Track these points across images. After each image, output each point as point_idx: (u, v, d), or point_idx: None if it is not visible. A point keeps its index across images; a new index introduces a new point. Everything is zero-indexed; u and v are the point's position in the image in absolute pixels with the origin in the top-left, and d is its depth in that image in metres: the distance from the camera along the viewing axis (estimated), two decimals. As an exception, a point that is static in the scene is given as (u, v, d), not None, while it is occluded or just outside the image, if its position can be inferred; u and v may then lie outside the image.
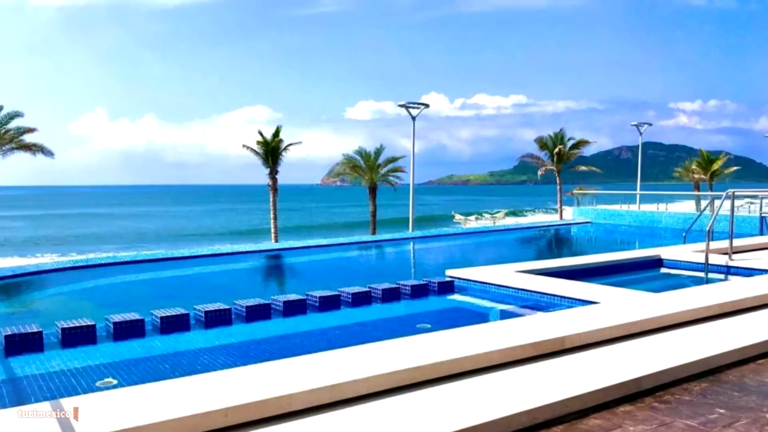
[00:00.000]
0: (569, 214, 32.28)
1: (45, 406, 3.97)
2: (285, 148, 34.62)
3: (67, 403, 3.96)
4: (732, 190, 12.87)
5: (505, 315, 9.34)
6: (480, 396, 4.71)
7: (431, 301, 10.50)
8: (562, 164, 40.85)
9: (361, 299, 10.09)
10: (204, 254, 17.00)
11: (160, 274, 14.61)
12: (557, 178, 40.98)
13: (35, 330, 7.68)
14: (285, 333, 8.93)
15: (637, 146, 40.14)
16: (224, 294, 10.26)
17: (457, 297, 10.65)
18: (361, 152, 37.78)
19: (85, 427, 3.76)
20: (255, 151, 34.33)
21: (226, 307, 9.02)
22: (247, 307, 9.17)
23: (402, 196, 40.46)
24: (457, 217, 60.37)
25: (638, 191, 33.04)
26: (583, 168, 45.73)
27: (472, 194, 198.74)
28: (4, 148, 28.68)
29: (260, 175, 35.16)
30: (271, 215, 34.33)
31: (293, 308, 9.55)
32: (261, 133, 34.38)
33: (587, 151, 44.15)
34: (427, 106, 30.28)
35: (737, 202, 22.05)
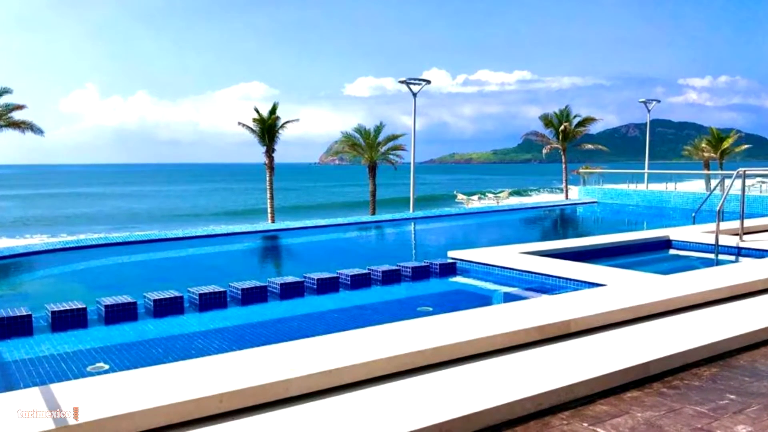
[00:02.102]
0: (575, 193, 32.24)
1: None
2: (282, 126, 34.55)
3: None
4: (743, 169, 12.82)
5: (508, 298, 9.35)
6: (483, 381, 4.70)
7: (433, 283, 10.49)
8: (567, 142, 40.79)
9: (361, 282, 10.08)
10: (198, 235, 16.99)
11: (153, 256, 14.60)
12: (563, 157, 40.94)
13: (24, 313, 7.66)
14: (282, 316, 8.93)
15: (645, 124, 40.06)
16: (219, 276, 10.26)
17: (459, 279, 10.64)
18: (360, 130, 37.66)
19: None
20: (251, 128, 34.26)
21: (221, 289, 9.01)
22: (242, 289, 9.16)
23: (402, 175, 40.40)
24: (460, 196, 60.29)
25: (646, 170, 32.96)
26: (590, 146, 45.63)
27: (475, 173, 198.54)
28: (-9, 126, 28.60)
29: (256, 154, 35.12)
30: (268, 195, 34.30)
31: (290, 291, 9.54)
32: (257, 110, 34.29)
33: (593, 129, 44.17)
34: (428, 82, 30.17)
35: (748, 182, 22.01)
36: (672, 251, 13.03)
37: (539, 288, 9.33)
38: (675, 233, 13.45)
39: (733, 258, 11.74)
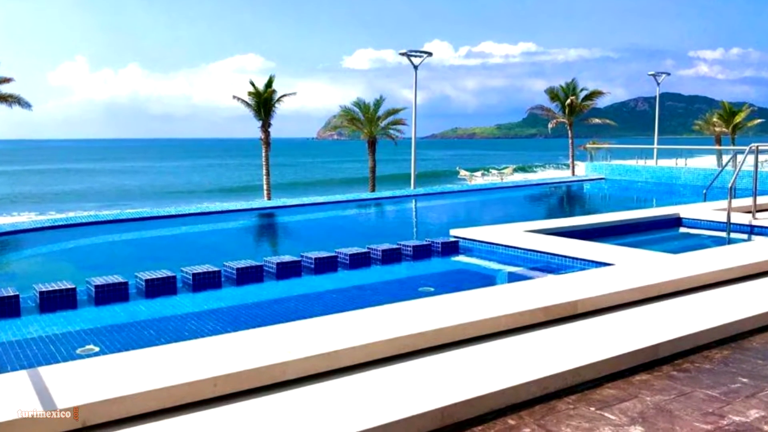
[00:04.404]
0: (582, 169, 32.20)
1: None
2: (278, 100, 34.41)
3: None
4: (756, 144, 12.74)
5: (513, 278, 9.33)
6: (486, 364, 4.69)
7: (434, 262, 10.49)
8: (574, 116, 40.63)
9: (360, 261, 10.06)
10: (192, 213, 16.97)
11: (145, 234, 14.59)
12: (569, 132, 40.80)
13: (11, 294, 7.65)
14: (278, 297, 8.92)
15: (655, 97, 39.94)
16: (213, 255, 10.24)
17: (461, 258, 10.63)
18: (359, 104, 37.52)
19: (65, 398, 3.74)
20: (246, 102, 34.13)
21: (216, 269, 8.99)
22: (237, 269, 9.15)
23: (403, 151, 40.34)
24: (462, 173, 60.28)
25: (655, 145, 32.86)
26: (597, 120, 45.50)
27: (478, 149, 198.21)
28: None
29: (252, 128, 35.02)
30: (264, 171, 34.23)
31: (287, 270, 9.53)
32: (253, 84, 34.15)
33: (601, 103, 43.93)
34: (430, 54, 30.02)
35: (761, 157, 21.95)
36: (682, 229, 13.02)
37: (545, 268, 9.32)
38: (685, 211, 13.42)
39: (745, 236, 11.73)
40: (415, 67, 29.31)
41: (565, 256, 9.28)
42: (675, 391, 4.43)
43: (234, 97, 34.33)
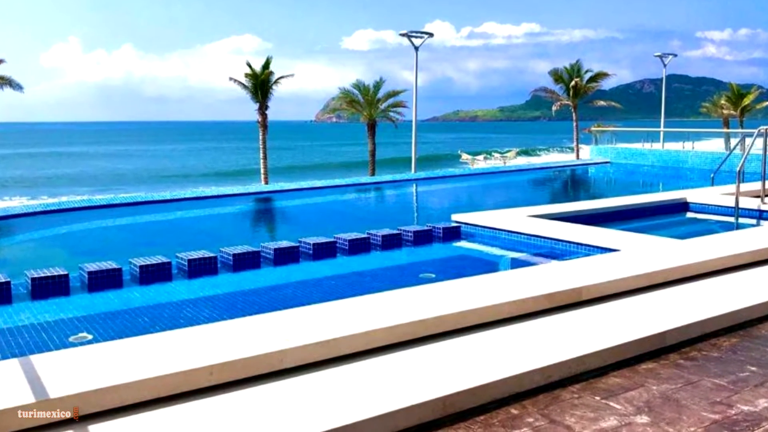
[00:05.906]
0: (587, 153, 32.14)
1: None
2: (276, 82, 34.37)
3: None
4: (765, 127, 12.69)
5: (516, 264, 9.32)
6: (489, 352, 4.68)
7: (435, 248, 10.47)
8: (578, 99, 40.57)
9: (359, 246, 10.05)
10: (187, 197, 16.94)
11: (139, 219, 14.57)
12: (573, 114, 40.77)
13: (2, 280, 7.63)
14: (275, 283, 8.91)
15: (661, 79, 39.78)
16: (209, 241, 10.22)
17: (463, 244, 10.62)
18: (359, 86, 37.47)
19: (57, 387, 3.73)
20: (243, 84, 34.09)
21: (212, 255, 8.97)
22: (234, 255, 9.13)
23: (404, 134, 40.22)
24: (464, 156, 60.27)
25: (662, 128, 32.81)
26: (602, 103, 45.48)
27: (481, 132, 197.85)
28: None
29: (249, 111, 34.97)
30: (261, 154, 34.22)
31: (285, 256, 9.51)
32: (249, 65, 34.09)
33: (606, 85, 43.94)
34: (431, 35, 29.92)
35: (771, 141, 21.84)
36: (689, 214, 12.99)
37: (549, 253, 9.31)
38: (692, 195, 13.39)
39: (754, 221, 11.70)
40: (416, 48, 29.22)
41: (570, 242, 9.25)
42: (682, 379, 4.43)
43: (230, 78, 34.30)
